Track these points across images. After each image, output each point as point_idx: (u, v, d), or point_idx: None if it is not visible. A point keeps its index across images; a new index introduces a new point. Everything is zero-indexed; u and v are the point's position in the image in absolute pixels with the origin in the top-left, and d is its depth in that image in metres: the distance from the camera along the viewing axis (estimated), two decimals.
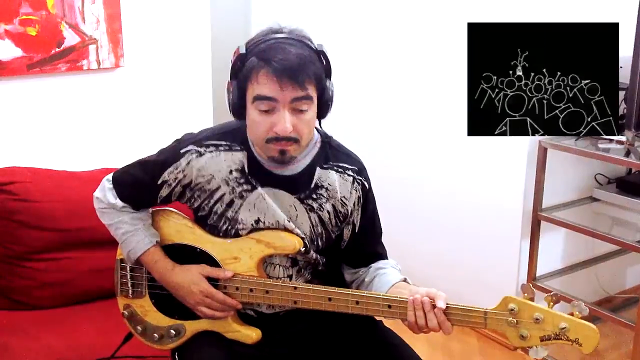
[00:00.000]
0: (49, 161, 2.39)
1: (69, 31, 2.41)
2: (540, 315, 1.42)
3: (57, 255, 2.18)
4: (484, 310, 1.47)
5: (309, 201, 1.62)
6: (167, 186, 1.64)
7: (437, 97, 3.04)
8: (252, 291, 1.61)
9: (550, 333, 1.42)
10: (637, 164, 2.48)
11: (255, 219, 1.62)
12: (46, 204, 2.18)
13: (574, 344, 1.41)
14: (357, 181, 1.66)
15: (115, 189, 1.70)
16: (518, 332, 1.45)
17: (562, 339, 1.42)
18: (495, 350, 2.91)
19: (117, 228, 1.70)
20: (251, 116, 1.51)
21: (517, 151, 2.74)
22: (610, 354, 2.88)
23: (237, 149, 1.62)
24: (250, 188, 1.61)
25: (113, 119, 2.61)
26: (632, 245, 2.52)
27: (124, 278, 1.76)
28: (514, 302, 1.44)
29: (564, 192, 2.86)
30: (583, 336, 1.40)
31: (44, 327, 2.05)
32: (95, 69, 2.51)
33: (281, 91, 1.46)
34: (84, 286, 2.20)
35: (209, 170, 1.61)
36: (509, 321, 1.44)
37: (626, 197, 2.67)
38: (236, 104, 1.52)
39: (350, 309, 1.55)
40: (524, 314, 1.44)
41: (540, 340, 1.43)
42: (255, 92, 1.48)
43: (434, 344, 2.94)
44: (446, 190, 3.08)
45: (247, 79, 1.49)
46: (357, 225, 1.69)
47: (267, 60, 1.46)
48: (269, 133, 1.49)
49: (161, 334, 1.72)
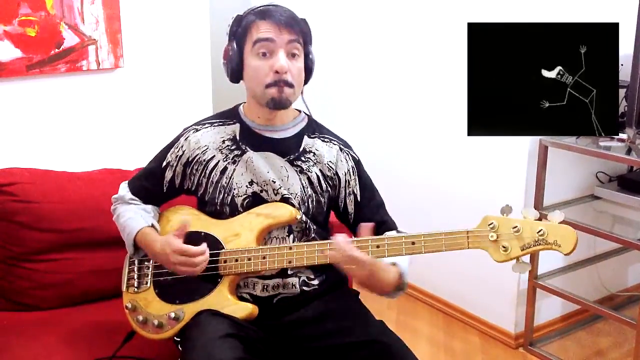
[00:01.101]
0: (48, 162, 2.38)
1: (68, 32, 2.41)
2: (519, 225, 1.50)
3: (57, 256, 2.18)
4: (466, 230, 1.56)
5: (298, 162, 1.76)
6: (170, 168, 1.81)
7: (437, 97, 3.03)
8: (250, 259, 1.69)
9: (530, 240, 1.49)
10: (638, 161, 2.47)
11: (248, 181, 1.74)
12: (46, 205, 2.17)
13: (554, 247, 1.47)
14: (345, 152, 1.82)
15: (129, 185, 1.90)
16: (499, 246, 1.52)
17: (541, 244, 1.48)
18: (497, 349, 2.91)
19: (122, 217, 1.83)
20: (252, 64, 1.70)
21: (518, 150, 2.74)
22: (612, 352, 2.88)
23: (230, 123, 1.81)
24: (240, 153, 1.76)
25: (113, 119, 2.61)
26: (634, 243, 2.51)
27: (132, 272, 1.85)
28: (493, 218, 1.53)
29: (565, 190, 2.86)
30: (561, 237, 1.47)
31: (43, 328, 2.04)
32: (95, 69, 2.51)
33: (279, 33, 1.67)
34: (84, 287, 2.20)
35: (204, 142, 1.78)
36: (490, 236, 1.52)
37: (627, 195, 2.66)
38: (236, 62, 1.71)
39: None
40: (503, 228, 1.52)
41: (521, 250, 1.50)
42: (254, 38, 1.68)
43: (436, 343, 2.94)
44: (447, 189, 3.07)
45: (246, 32, 1.70)
46: (357, 195, 1.81)
47: (265, 12, 1.69)
48: (269, 76, 1.67)
49: (160, 321, 1.76)
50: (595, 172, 2.89)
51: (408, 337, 1.75)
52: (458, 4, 2.86)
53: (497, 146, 2.80)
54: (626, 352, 2.84)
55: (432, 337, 2.99)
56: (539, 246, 1.49)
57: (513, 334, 2.91)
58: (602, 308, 2.66)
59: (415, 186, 3.22)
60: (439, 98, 3.02)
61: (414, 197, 3.24)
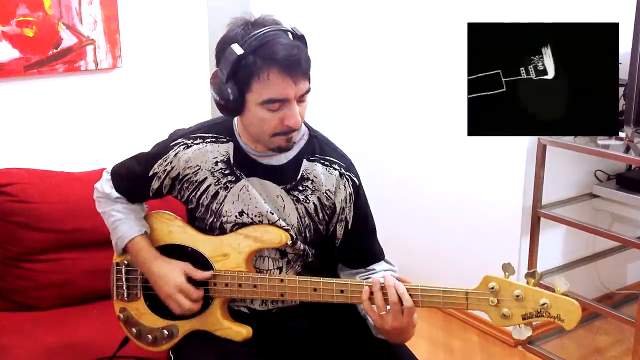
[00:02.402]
0: (46, 162, 2.38)
1: (66, 32, 2.41)
2: (521, 292, 1.42)
3: (55, 256, 2.18)
4: (465, 291, 1.47)
5: (295, 192, 1.64)
6: (157, 178, 1.69)
7: (436, 96, 3.03)
8: (240, 286, 1.62)
9: (532, 310, 1.41)
10: (637, 160, 2.47)
11: (239, 211, 1.64)
12: (44, 205, 2.17)
13: (556, 320, 1.40)
14: (345, 177, 1.66)
15: (112, 180, 1.77)
16: (500, 312, 1.44)
17: (544, 315, 1.41)
18: (496, 347, 2.91)
19: (110, 216, 1.76)
20: (258, 115, 1.50)
21: (516, 148, 2.74)
22: (611, 350, 2.88)
23: (223, 141, 1.65)
24: (234, 179, 1.64)
25: (111, 119, 2.61)
26: (633, 242, 2.51)
27: (120, 281, 1.78)
28: (494, 280, 1.44)
29: (563, 188, 2.86)
30: (565, 311, 1.39)
31: (42, 328, 2.04)
32: (93, 69, 2.51)
33: (293, 88, 1.47)
34: (82, 287, 2.20)
35: (195, 161, 1.65)
36: (490, 300, 1.44)
37: (626, 193, 2.66)
38: (234, 104, 1.50)
39: (335, 298, 1.56)
40: (505, 292, 1.43)
41: (522, 319, 1.43)
42: (265, 95, 1.47)
43: (434, 342, 2.94)
44: (446, 187, 3.07)
45: (251, 78, 1.46)
46: (349, 222, 1.69)
47: (274, 59, 1.44)
48: (277, 128, 1.51)
49: (155, 335, 1.73)
50: (593, 170, 2.88)
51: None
52: (457, 3, 2.86)
53: (495, 145, 2.80)
54: (625, 350, 2.84)
55: (431, 336, 2.99)
56: (540, 317, 1.41)
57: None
58: (600, 306, 2.66)
59: (414, 185, 3.22)
60: (437, 97, 3.02)
61: (412, 196, 3.24)
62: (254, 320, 1.68)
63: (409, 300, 1.49)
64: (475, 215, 2.96)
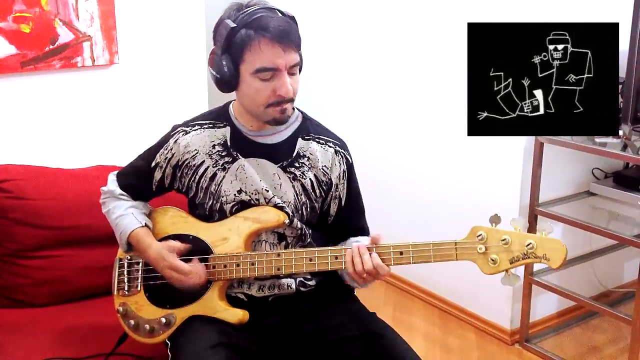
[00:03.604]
0: (43, 159, 2.38)
1: (63, 28, 2.40)
2: (507, 237, 1.47)
3: (51, 252, 2.18)
4: (454, 241, 1.52)
5: (291, 169, 1.71)
6: (159, 169, 1.77)
7: (433, 94, 3.03)
8: (238, 265, 1.66)
9: (519, 253, 1.47)
10: (634, 158, 2.47)
11: (237, 189, 1.70)
12: (40, 201, 2.17)
13: (542, 260, 1.46)
14: (340, 154, 1.75)
15: (117, 179, 1.86)
16: (488, 258, 1.49)
17: (530, 257, 1.47)
18: (493, 345, 2.91)
19: (113, 213, 1.81)
20: (252, 86, 1.60)
21: (513, 146, 2.74)
22: (608, 348, 2.88)
23: (220, 126, 1.74)
24: (231, 160, 1.71)
25: (108, 116, 2.60)
26: (630, 240, 2.52)
27: (121, 275, 1.82)
28: (481, 229, 1.51)
29: (560, 186, 2.86)
30: (550, 250, 1.45)
31: (38, 325, 2.04)
32: (90, 66, 2.50)
33: (283, 56, 1.56)
34: (79, 284, 2.19)
35: (193, 146, 1.73)
36: (478, 248, 1.50)
37: (623, 191, 2.66)
38: (230, 76, 1.60)
39: (330, 265, 1.61)
40: (492, 239, 1.49)
41: (510, 263, 1.49)
42: (257, 64, 1.56)
43: (431, 339, 2.94)
44: (443, 185, 3.07)
45: (243, 50, 1.57)
46: (343, 199, 1.77)
47: (264, 29, 1.55)
48: (271, 98, 1.60)
49: (152, 326, 1.75)
50: (591, 168, 2.88)
51: (404, 333, 1.75)
52: (458, 4, 2.84)
53: (492, 143, 2.80)
54: (622, 349, 2.84)
55: (427, 333, 2.99)
56: (527, 259, 1.47)
57: (509, 330, 2.91)
58: (597, 304, 2.67)
59: (411, 183, 3.22)
60: (435, 95, 3.02)
61: (409, 194, 3.24)
62: (250, 306, 1.71)
63: (384, 268, 1.57)
64: (473, 213, 2.94)
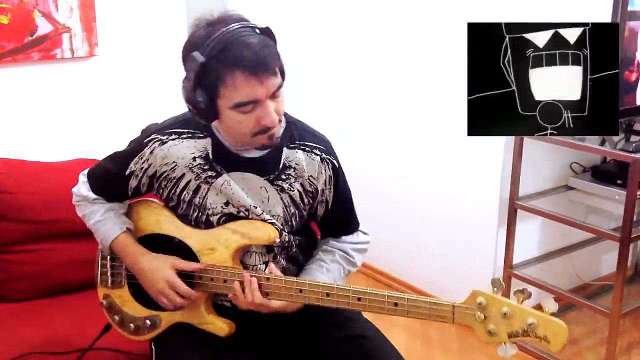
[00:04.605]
0: (22, 152, 2.35)
1: (42, 19, 2.38)
2: (509, 310, 1.39)
3: (32, 247, 2.16)
4: (452, 304, 1.44)
5: (278, 182, 1.63)
6: (135, 177, 1.66)
7: (414, 90, 3.04)
8: (225, 282, 1.61)
9: (518, 329, 1.39)
10: (612, 152, 2.50)
11: (224, 202, 1.62)
12: (20, 195, 2.15)
13: (542, 341, 1.37)
14: (325, 161, 1.67)
15: (89, 182, 1.74)
16: (486, 328, 1.41)
17: (530, 335, 1.38)
18: (473, 337, 2.93)
19: (90, 218, 1.73)
20: (233, 119, 1.48)
21: (494, 141, 2.75)
22: (586, 340, 2.92)
23: (200, 136, 1.62)
24: (215, 174, 1.61)
25: (87, 108, 2.58)
26: (607, 233, 2.55)
27: (104, 267, 1.78)
28: (482, 296, 1.41)
29: (540, 181, 2.88)
30: (552, 333, 1.37)
31: (19, 320, 2.02)
32: (69, 57, 2.47)
33: (262, 88, 1.43)
34: (60, 278, 2.18)
35: (171, 157, 1.61)
36: (477, 316, 1.41)
37: (601, 185, 2.70)
38: (207, 110, 1.47)
39: (321, 302, 1.55)
40: (492, 309, 1.40)
41: (508, 337, 1.40)
42: (234, 100, 1.44)
43: (412, 332, 2.96)
44: (423, 180, 3.09)
45: (217, 85, 1.44)
46: (330, 203, 1.71)
47: (237, 64, 1.41)
48: (255, 128, 1.49)
49: (137, 324, 1.73)
50: (569, 163, 2.91)
51: (384, 326, 1.76)
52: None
53: (473, 138, 2.82)
54: (599, 341, 2.88)
55: (408, 326, 3.01)
56: (527, 337, 1.38)
57: None
58: (576, 297, 2.69)
59: (391, 178, 3.23)
60: (416, 91, 3.03)
61: (390, 189, 3.25)
62: (236, 313, 1.67)
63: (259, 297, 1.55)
64: (454, 207, 2.98)
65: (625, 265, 2.48)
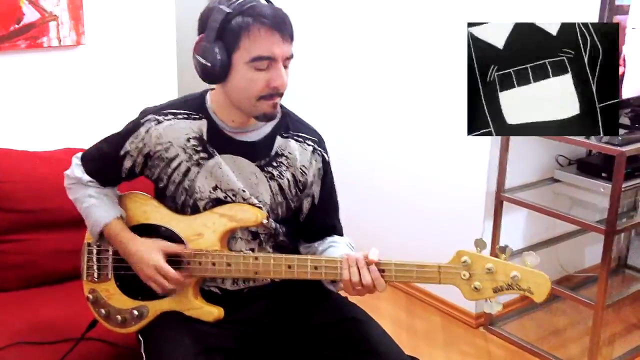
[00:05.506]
0: (9, 141, 2.34)
1: (29, 7, 2.35)
2: (492, 265, 1.45)
3: (19, 236, 2.14)
4: (437, 265, 1.50)
5: (269, 168, 1.65)
6: (130, 157, 1.67)
7: (401, 82, 3.04)
8: (214, 265, 1.62)
9: (502, 283, 1.45)
10: (597, 145, 2.53)
11: (212, 186, 1.64)
12: (7, 184, 2.13)
13: (526, 293, 1.44)
14: (317, 152, 1.71)
15: (83, 164, 1.75)
16: (471, 285, 1.47)
17: (514, 288, 1.45)
18: (458, 328, 2.96)
19: (82, 202, 1.73)
20: (245, 76, 1.52)
21: None
22: (570, 331, 2.96)
23: (195, 117, 1.64)
24: (207, 156, 1.63)
25: (75, 97, 2.56)
26: (592, 225, 2.57)
27: (90, 261, 1.77)
28: (466, 254, 1.47)
29: (526, 173, 2.91)
30: (534, 284, 1.43)
31: (7, 309, 2.01)
32: (56, 46, 2.45)
33: (281, 46, 1.50)
34: (48, 268, 2.17)
35: (167, 137, 1.63)
36: (462, 274, 1.47)
37: (586, 178, 2.73)
38: (221, 66, 1.51)
39: (309, 275, 1.57)
40: (477, 266, 1.47)
41: (493, 291, 1.46)
42: (254, 52, 1.49)
43: (398, 323, 2.98)
44: (411, 171, 3.10)
45: (239, 37, 1.49)
46: (316, 198, 1.73)
47: (263, 16, 1.49)
48: (264, 90, 1.53)
49: (124, 317, 1.72)
50: (555, 155, 2.94)
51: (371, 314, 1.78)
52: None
53: (461, 130, 2.82)
54: (582, 332, 2.91)
55: (394, 316, 3.03)
56: (511, 290, 1.45)
57: (474, 314, 2.96)
58: (560, 288, 2.72)
59: (379, 169, 3.24)
60: (403, 83, 3.04)
61: (376, 181, 3.26)
62: (225, 300, 1.69)
63: (382, 284, 1.55)
64: (441, 199, 3.00)
65: (609, 257, 2.51)
